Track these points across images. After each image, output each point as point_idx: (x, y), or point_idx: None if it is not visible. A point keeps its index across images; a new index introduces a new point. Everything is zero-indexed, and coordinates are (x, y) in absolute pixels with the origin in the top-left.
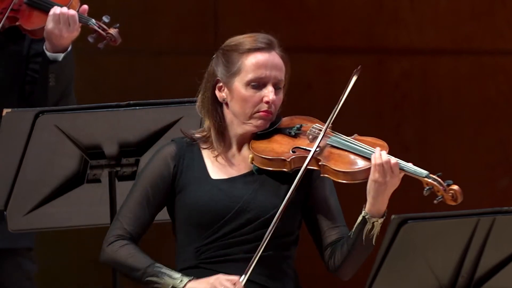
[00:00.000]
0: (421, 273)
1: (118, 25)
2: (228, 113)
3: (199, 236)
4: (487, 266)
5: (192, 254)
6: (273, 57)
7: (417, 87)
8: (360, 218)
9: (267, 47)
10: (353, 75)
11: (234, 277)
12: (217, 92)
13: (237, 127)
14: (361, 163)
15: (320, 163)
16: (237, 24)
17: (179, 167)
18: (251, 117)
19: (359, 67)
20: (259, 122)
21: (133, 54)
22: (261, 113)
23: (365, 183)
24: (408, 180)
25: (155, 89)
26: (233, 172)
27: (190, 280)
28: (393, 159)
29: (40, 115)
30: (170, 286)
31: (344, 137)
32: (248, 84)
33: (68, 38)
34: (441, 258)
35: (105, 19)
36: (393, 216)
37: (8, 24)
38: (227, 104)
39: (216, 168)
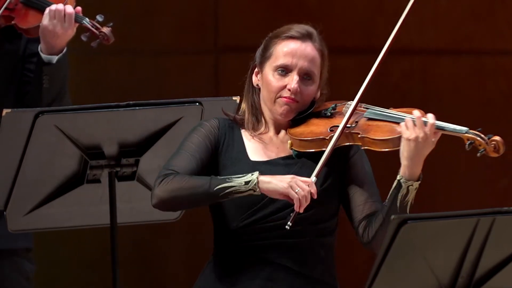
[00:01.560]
0: (421, 273)
1: (111, 24)
2: (261, 98)
3: (238, 217)
4: (487, 266)
5: (230, 234)
6: (304, 47)
7: (417, 87)
8: (395, 182)
9: (302, 37)
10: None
11: (307, 179)
12: (253, 76)
13: (267, 112)
14: (400, 129)
15: (359, 136)
16: (237, 24)
17: (220, 142)
18: (274, 102)
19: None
20: (282, 108)
21: (133, 54)
22: (283, 99)
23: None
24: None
25: (155, 89)
26: (271, 155)
27: (260, 173)
28: (431, 118)
29: (40, 115)
30: (243, 183)
31: (379, 108)
32: (275, 69)
33: (63, 36)
34: (441, 258)
35: (99, 18)
36: (393, 216)
37: (3, 24)
38: (259, 89)
39: (256, 149)
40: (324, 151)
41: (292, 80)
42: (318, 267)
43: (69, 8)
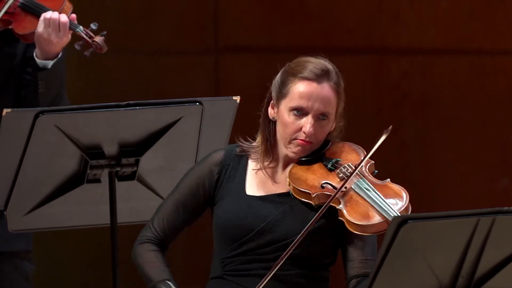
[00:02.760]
0: (421, 273)
1: (105, 32)
2: (277, 131)
3: (225, 248)
4: (487, 266)
5: (218, 264)
6: (321, 89)
7: (417, 87)
8: None
9: (318, 78)
10: (383, 135)
11: None
12: (269, 109)
13: (282, 148)
14: (373, 218)
15: (339, 206)
16: (237, 24)
17: (221, 177)
18: (290, 142)
19: (389, 128)
20: (297, 148)
21: (133, 54)
22: (298, 141)
23: None
24: (407, 180)
25: (155, 89)
26: (270, 190)
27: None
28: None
29: (40, 115)
30: None
31: (369, 184)
32: (291, 110)
33: (58, 44)
34: (441, 258)
35: (93, 26)
36: (393, 216)
37: (2, 27)
38: (275, 122)
39: (255, 183)
40: (309, 203)
41: (308, 123)
42: None
43: (64, 17)
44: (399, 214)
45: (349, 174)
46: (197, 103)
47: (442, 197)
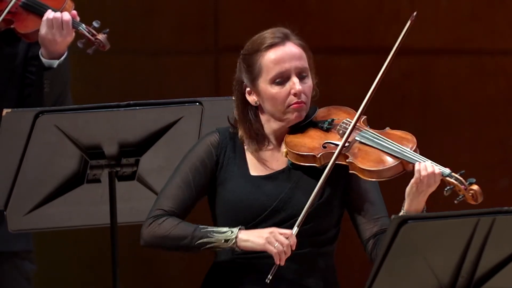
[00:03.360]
0: (421, 273)
1: (107, 30)
2: (263, 115)
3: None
4: (487, 266)
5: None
6: (289, 48)
7: (417, 87)
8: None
9: (280, 41)
10: (409, 23)
11: (287, 231)
12: (248, 97)
13: (274, 124)
14: (387, 161)
15: (347, 160)
16: (237, 24)
17: (220, 158)
18: (285, 112)
19: (414, 14)
20: (294, 114)
21: (133, 54)
22: (293, 106)
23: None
24: (407, 180)
25: (155, 89)
26: (272, 168)
27: (240, 229)
28: (437, 170)
29: (40, 115)
30: (223, 241)
31: (373, 132)
32: (272, 81)
33: (62, 43)
34: (441, 258)
35: (95, 24)
36: (393, 216)
37: (4, 27)
38: (260, 106)
39: (256, 163)
40: (315, 166)
41: (294, 84)
42: (319, 277)
43: (66, 15)
44: (413, 153)
45: (349, 128)
46: (197, 103)
47: (442, 197)
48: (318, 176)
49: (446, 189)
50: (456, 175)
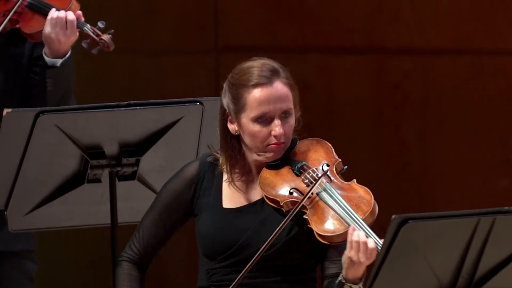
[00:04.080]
0: (421, 273)
1: (112, 31)
2: (244, 144)
3: (209, 261)
4: (487, 266)
5: (204, 274)
6: (275, 90)
7: (418, 87)
8: (337, 280)
9: (269, 80)
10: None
11: None
12: (229, 125)
13: (253, 155)
14: (338, 228)
15: (305, 215)
16: (237, 24)
17: (197, 190)
18: (263, 150)
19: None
20: (271, 154)
21: (134, 54)
22: (272, 146)
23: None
24: (407, 180)
25: (155, 89)
26: (248, 199)
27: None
28: (370, 243)
29: (41, 115)
30: None
31: (334, 190)
32: (255, 120)
33: (66, 42)
34: (441, 258)
35: (100, 24)
36: (393, 216)
37: (9, 27)
38: (240, 135)
39: (231, 195)
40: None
41: (276, 126)
42: None
43: (70, 15)
44: (363, 223)
45: (313, 181)
46: (198, 103)
47: (442, 197)
48: (287, 212)
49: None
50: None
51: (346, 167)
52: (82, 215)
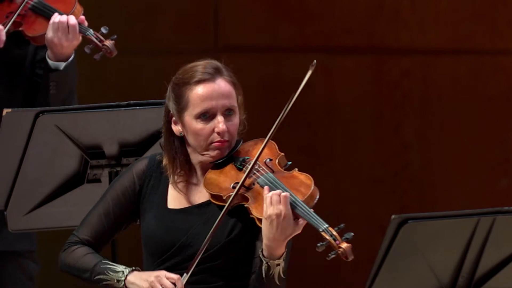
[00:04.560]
0: (421, 273)
1: (115, 36)
2: (188, 146)
3: (151, 263)
4: (487, 266)
5: None
6: (218, 86)
7: (417, 87)
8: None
9: (211, 77)
10: (309, 71)
11: (174, 276)
12: (173, 126)
13: (198, 156)
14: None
15: (246, 204)
16: (237, 24)
17: (143, 189)
18: (207, 149)
19: (314, 62)
20: (215, 152)
21: (134, 54)
22: (215, 144)
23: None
24: (407, 180)
25: (155, 89)
26: (193, 201)
27: (131, 272)
28: (284, 193)
29: (40, 115)
30: (115, 281)
31: (273, 177)
32: (197, 117)
33: (69, 47)
34: (441, 258)
35: (103, 30)
36: (393, 216)
37: (12, 29)
38: (184, 136)
39: (177, 195)
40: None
41: (219, 123)
42: None
43: (72, 19)
44: (304, 204)
45: (253, 170)
46: None
47: (442, 197)
48: (232, 213)
49: (318, 244)
50: (331, 231)
51: (290, 162)
52: (82, 215)
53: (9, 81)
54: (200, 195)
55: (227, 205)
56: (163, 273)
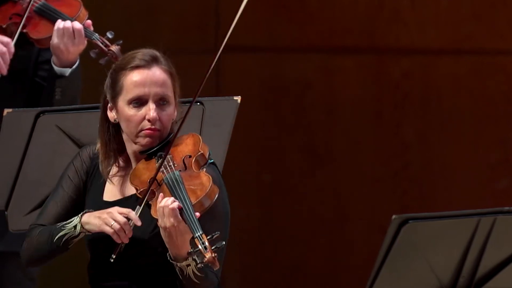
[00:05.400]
0: (422, 273)
1: (121, 41)
2: (123, 133)
3: (89, 255)
4: (488, 266)
5: (88, 274)
6: (152, 73)
7: (418, 87)
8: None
9: (147, 64)
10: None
11: (125, 210)
12: (108, 113)
13: (132, 145)
14: None
15: (150, 202)
16: (238, 24)
17: (89, 174)
18: (137, 135)
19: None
20: (145, 140)
21: None
22: (145, 131)
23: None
24: (407, 180)
25: None
26: (124, 193)
27: (84, 214)
28: (173, 205)
29: (41, 115)
30: (72, 228)
31: (178, 176)
32: (130, 103)
33: (75, 52)
34: (442, 258)
35: (109, 34)
36: (394, 216)
37: (16, 30)
38: (114, 126)
39: (111, 188)
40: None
41: (150, 110)
42: None
43: (77, 24)
44: (190, 209)
45: (165, 165)
46: (198, 103)
47: (443, 197)
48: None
49: (189, 251)
50: (204, 239)
51: (212, 160)
52: None
53: (12, 83)
54: (131, 187)
55: (141, 201)
56: (115, 209)
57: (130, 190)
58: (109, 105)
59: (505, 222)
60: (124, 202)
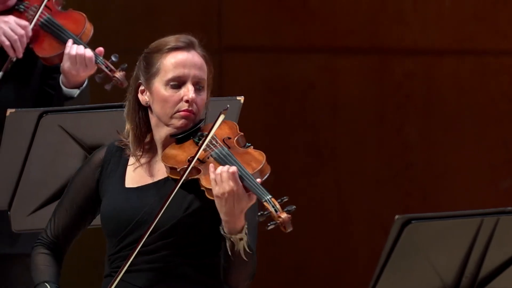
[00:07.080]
0: (424, 274)
1: (125, 65)
2: (152, 117)
3: (110, 245)
4: (491, 267)
5: (107, 262)
6: (192, 56)
7: (420, 88)
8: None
9: (186, 47)
10: (220, 114)
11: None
12: (140, 96)
13: (161, 130)
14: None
15: (197, 176)
16: (241, 24)
17: (102, 174)
18: (172, 117)
19: (227, 108)
20: (180, 122)
21: (137, 54)
22: (181, 113)
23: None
24: (410, 180)
25: None
26: (151, 179)
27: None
28: (232, 168)
29: (44, 115)
30: None
31: (227, 151)
32: (168, 83)
33: (85, 76)
34: (444, 259)
35: (113, 58)
36: (396, 216)
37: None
38: (150, 107)
39: (134, 176)
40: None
41: (188, 91)
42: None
43: (89, 52)
44: (251, 176)
45: (208, 144)
46: None
47: (445, 197)
48: (191, 189)
49: (259, 213)
50: (274, 201)
51: (250, 144)
52: None
53: (19, 88)
54: (159, 173)
55: (180, 178)
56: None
57: (159, 174)
58: (140, 88)
59: (508, 222)
60: (152, 186)
